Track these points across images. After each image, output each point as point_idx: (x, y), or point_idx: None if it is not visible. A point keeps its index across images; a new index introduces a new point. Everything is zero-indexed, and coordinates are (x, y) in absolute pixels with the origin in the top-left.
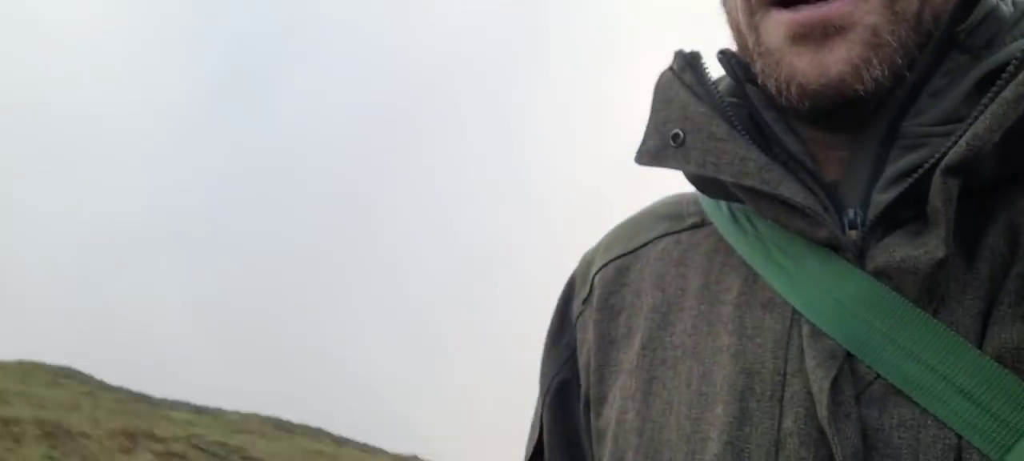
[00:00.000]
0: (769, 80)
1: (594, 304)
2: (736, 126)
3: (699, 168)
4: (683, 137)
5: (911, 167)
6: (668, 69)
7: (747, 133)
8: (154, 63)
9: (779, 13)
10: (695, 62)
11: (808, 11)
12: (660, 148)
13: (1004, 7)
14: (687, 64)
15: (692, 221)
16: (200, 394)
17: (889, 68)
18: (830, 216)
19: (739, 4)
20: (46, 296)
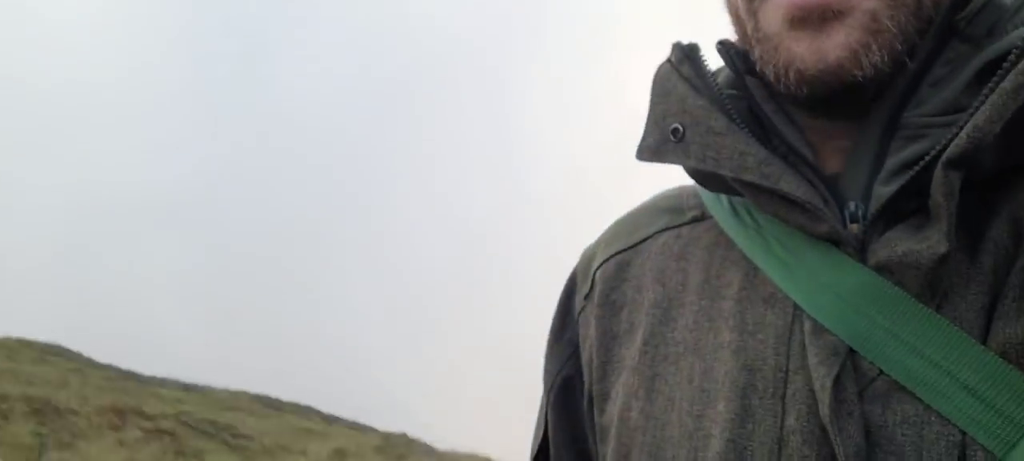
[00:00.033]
0: (767, 66)
1: (595, 300)
2: (735, 119)
3: (699, 163)
4: (682, 131)
5: (912, 158)
6: (666, 61)
7: (746, 126)
8: (144, 33)
9: None
10: (693, 54)
11: None
12: (660, 143)
13: None
14: (685, 56)
15: (692, 215)
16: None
17: (888, 54)
18: (831, 210)
19: None
20: (33, 272)
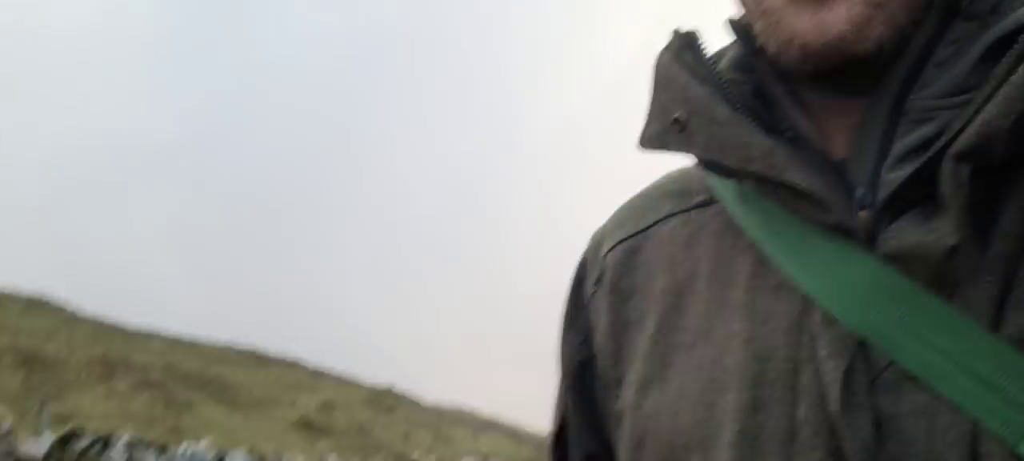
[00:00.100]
0: (769, 41)
1: (606, 286)
2: (738, 108)
3: (702, 153)
4: (685, 121)
5: (919, 142)
6: (666, 49)
7: (751, 111)
8: None
9: None
10: (693, 42)
11: None
12: (663, 132)
13: None
14: (686, 44)
15: (700, 199)
16: (176, 324)
17: (891, 28)
18: (839, 198)
19: None
20: (16, 222)
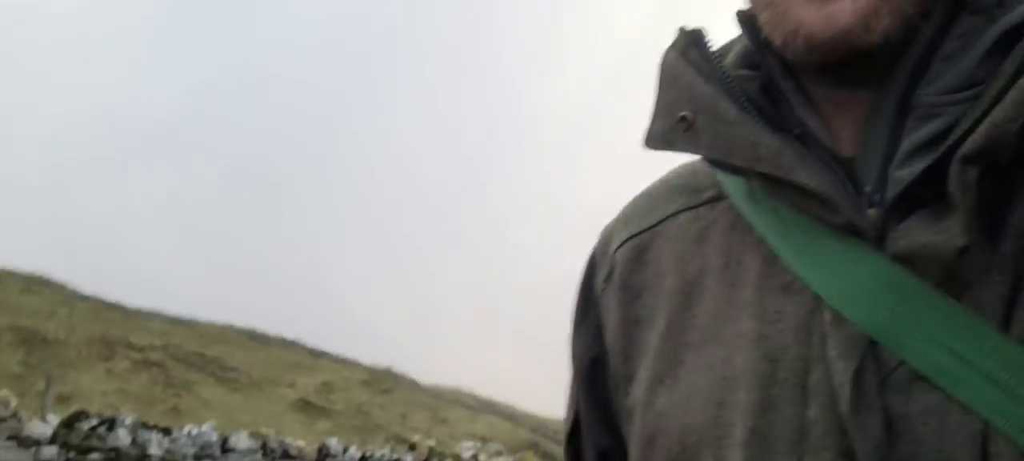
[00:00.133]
0: (775, 32)
1: (615, 283)
2: (745, 106)
3: (710, 153)
4: (692, 120)
5: (927, 139)
6: (672, 47)
7: (758, 109)
8: None
9: None
10: (699, 39)
11: None
12: (669, 131)
13: None
14: (691, 42)
15: (709, 195)
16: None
17: (899, 21)
18: (848, 197)
19: None
20: (16, 201)
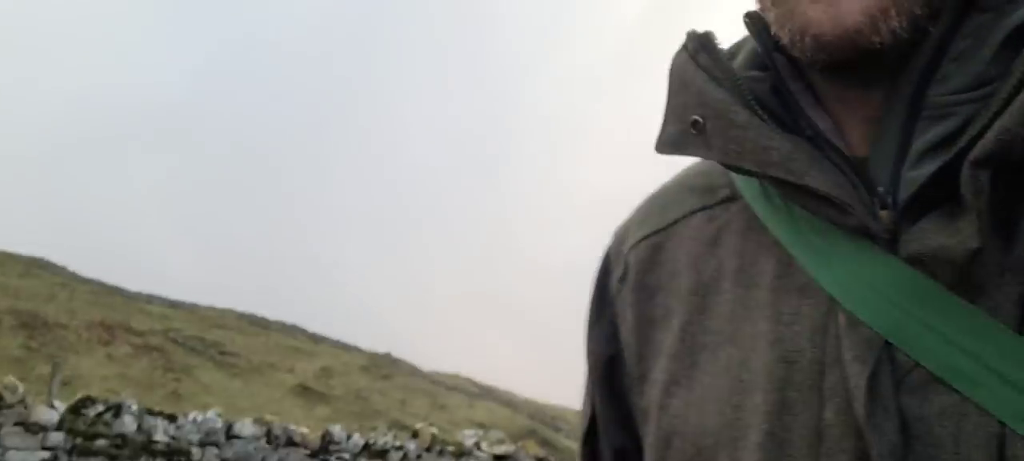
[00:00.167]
0: (783, 31)
1: (630, 283)
2: (756, 109)
3: (722, 157)
4: (703, 124)
5: (938, 139)
6: (681, 50)
7: (769, 111)
8: None
9: None
10: (709, 43)
11: None
12: (681, 135)
13: None
14: (701, 46)
15: (723, 195)
16: (175, 288)
17: (908, 20)
18: (861, 198)
19: None
20: (15, 184)
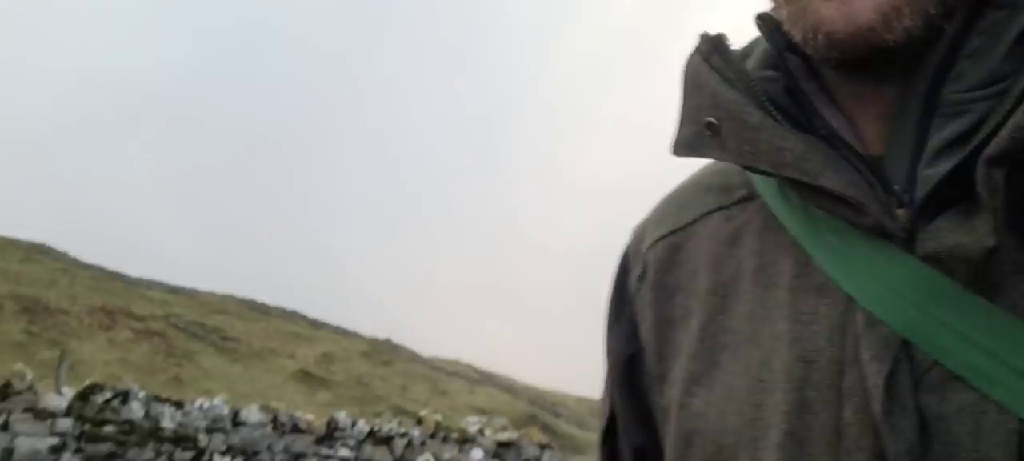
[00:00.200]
0: (795, 29)
1: (649, 283)
2: (770, 110)
3: (737, 158)
4: (717, 126)
5: (954, 137)
6: (695, 52)
7: (783, 111)
8: None
9: None
10: (721, 45)
11: None
12: (695, 137)
13: None
14: (714, 48)
15: (741, 194)
16: (175, 274)
17: (921, 18)
18: (877, 197)
19: None
20: (16, 169)
